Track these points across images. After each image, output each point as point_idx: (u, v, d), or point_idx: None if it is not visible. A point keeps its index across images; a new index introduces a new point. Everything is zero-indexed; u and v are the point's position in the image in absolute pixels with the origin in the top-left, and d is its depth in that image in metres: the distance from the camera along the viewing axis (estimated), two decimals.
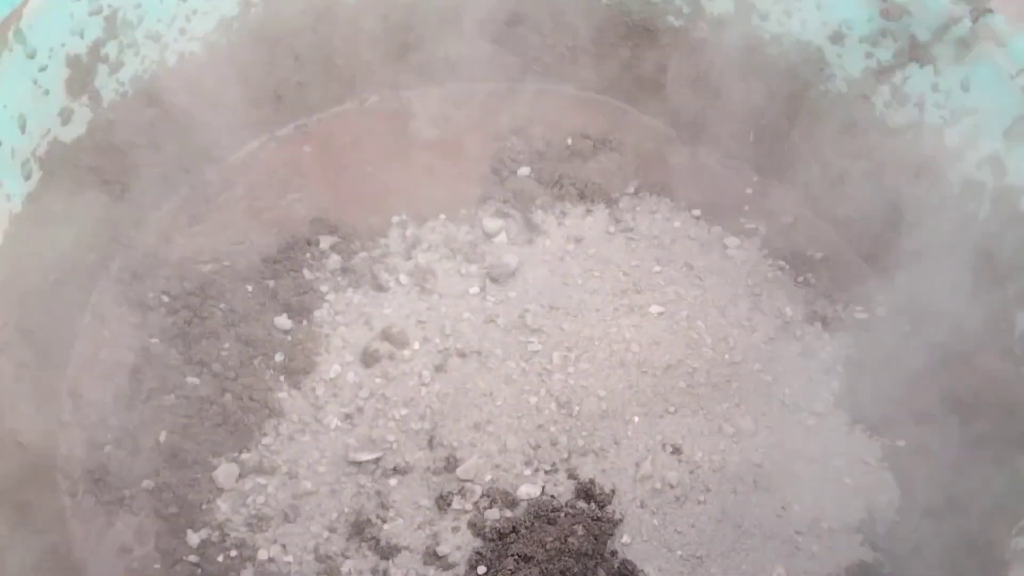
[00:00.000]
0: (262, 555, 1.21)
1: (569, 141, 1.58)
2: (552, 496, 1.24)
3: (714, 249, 1.48)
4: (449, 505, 1.23)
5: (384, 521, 1.23)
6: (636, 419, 1.30)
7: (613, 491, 1.24)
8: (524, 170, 1.54)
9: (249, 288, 1.41)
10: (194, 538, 1.22)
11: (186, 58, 1.43)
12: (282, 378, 1.33)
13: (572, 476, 1.26)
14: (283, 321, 1.38)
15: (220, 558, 1.21)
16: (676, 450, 1.28)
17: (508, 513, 1.22)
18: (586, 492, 1.24)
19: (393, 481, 1.25)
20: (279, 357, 1.35)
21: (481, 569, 1.18)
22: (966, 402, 1.33)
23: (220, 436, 1.29)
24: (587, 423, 1.29)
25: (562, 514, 1.22)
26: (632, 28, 1.57)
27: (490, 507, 1.23)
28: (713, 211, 1.53)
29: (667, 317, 1.39)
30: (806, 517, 1.25)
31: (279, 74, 1.55)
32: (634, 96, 1.63)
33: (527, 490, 1.24)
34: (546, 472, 1.27)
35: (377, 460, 1.27)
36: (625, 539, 1.22)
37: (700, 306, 1.41)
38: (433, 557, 1.20)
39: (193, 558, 1.22)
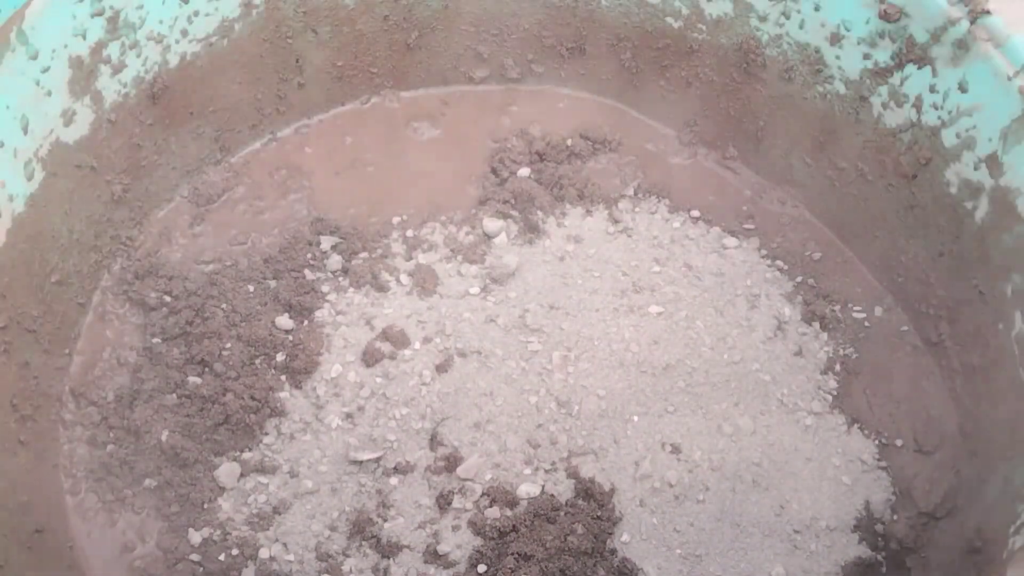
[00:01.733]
0: (263, 554, 1.22)
1: (569, 142, 1.59)
2: (552, 495, 1.25)
3: (713, 249, 1.49)
4: (449, 504, 1.24)
5: (385, 520, 1.23)
6: (635, 418, 1.31)
7: (612, 490, 1.25)
8: (524, 171, 1.55)
9: (250, 288, 1.41)
10: (196, 537, 1.23)
11: (188, 59, 1.43)
12: (283, 378, 1.34)
13: (572, 475, 1.26)
14: (284, 321, 1.38)
15: (222, 557, 1.22)
16: (675, 449, 1.28)
17: (508, 512, 1.23)
18: (586, 491, 1.24)
19: (394, 480, 1.26)
20: (280, 357, 1.35)
21: (481, 567, 1.19)
22: (963, 401, 1.34)
23: (221, 435, 1.29)
24: (587, 422, 1.30)
25: (562, 513, 1.22)
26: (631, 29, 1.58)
27: (490, 506, 1.24)
28: (712, 212, 1.54)
29: (666, 317, 1.40)
30: (804, 516, 1.25)
31: (280, 75, 1.55)
32: (633, 97, 1.64)
33: (527, 489, 1.24)
34: (546, 471, 1.27)
35: (378, 459, 1.27)
36: (624, 538, 1.22)
37: (699, 306, 1.41)
38: (434, 556, 1.21)
39: (195, 557, 1.22)
